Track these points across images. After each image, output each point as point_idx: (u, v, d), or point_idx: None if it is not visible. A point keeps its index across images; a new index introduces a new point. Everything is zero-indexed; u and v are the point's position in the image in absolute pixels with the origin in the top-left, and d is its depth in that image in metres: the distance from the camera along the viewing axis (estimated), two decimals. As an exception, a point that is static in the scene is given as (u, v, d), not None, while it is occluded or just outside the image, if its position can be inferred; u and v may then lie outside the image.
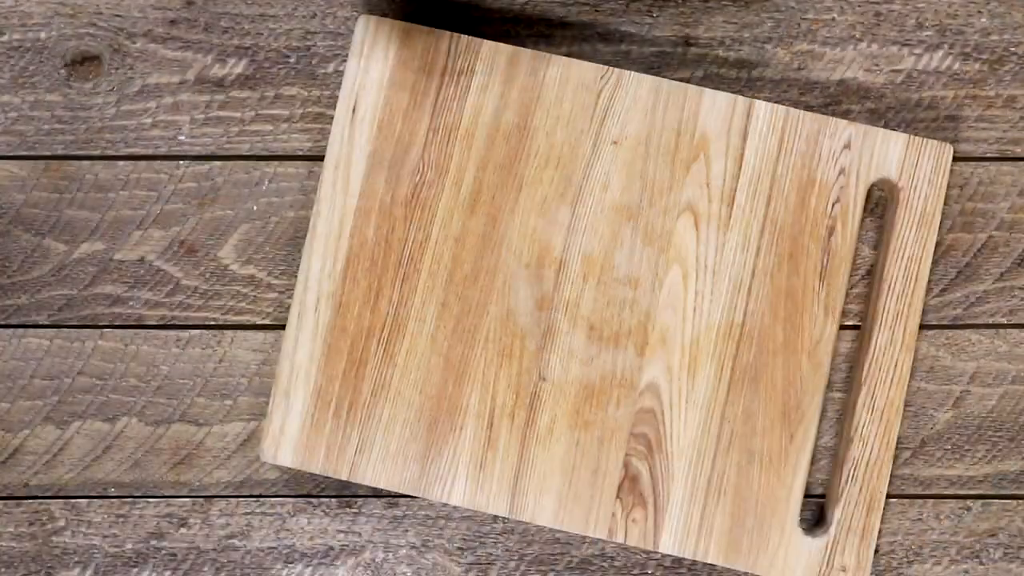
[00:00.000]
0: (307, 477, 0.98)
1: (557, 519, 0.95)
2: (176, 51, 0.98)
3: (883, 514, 0.96)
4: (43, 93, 0.97)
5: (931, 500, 0.98)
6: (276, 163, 0.98)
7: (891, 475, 0.97)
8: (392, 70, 0.95)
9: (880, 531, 0.97)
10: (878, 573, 0.98)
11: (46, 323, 0.97)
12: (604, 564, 0.97)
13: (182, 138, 0.98)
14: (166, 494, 0.98)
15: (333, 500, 0.98)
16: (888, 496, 0.97)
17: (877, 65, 0.99)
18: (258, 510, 0.98)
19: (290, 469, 0.97)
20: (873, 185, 0.97)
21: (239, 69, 0.98)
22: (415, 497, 0.97)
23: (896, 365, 0.95)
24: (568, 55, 0.98)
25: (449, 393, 0.95)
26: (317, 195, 0.95)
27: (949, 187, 0.98)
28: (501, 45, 0.95)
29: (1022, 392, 0.98)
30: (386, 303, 0.95)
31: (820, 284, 0.95)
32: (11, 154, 0.97)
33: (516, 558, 0.97)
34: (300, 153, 0.98)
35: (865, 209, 0.97)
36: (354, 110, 0.95)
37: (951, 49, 0.99)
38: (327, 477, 0.97)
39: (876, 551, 0.96)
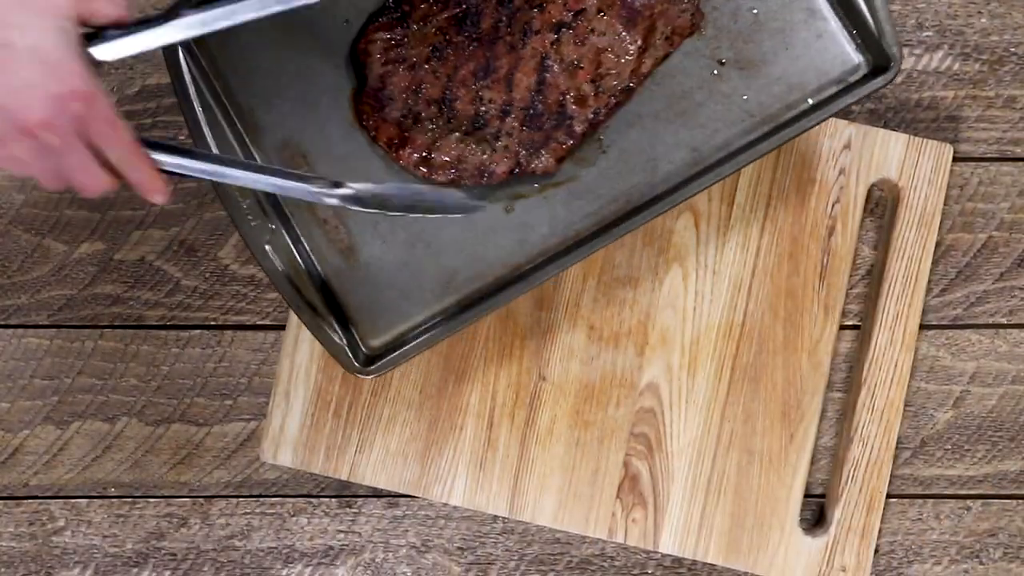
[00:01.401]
0: (307, 477, 0.98)
1: (557, 519, 0.94)
2: (176, 51, 0.97)
3: (883, 514, 0.96)
4: (43, 93, 0.97)
5: (931, 500, 0.98)
6: (276, 163, 0.98)
7: (891, 475, 0.96)
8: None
9: (880, 531, 0.97)
10: (878, 573, 0.98)
11: (46, 323, 0.97)
12: (604, 564, 0.97)
13: (182, 138, 0.98)
14: (166, 494, 0.98)
15: (333, 500, 0.98)
16: (888, 496, 0.97)
17: (877, 65, 0.99)
18: (258, 510, 0.98)
19: (290, 469, 0.97)
20: (873, 185, 0.97)
21: (239, 69, 0.98)
22: (415, 497, 0.97)
23: (896, 365, 0.95)
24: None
25: (449, 393, 0.95)
26: (317, 195, 0.95)
27: (949, 187, 0.98)
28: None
29: (1022, 392, 0.98)
30: (386, 303, 0.95)
31: (820, 284, 0.95)
32: (11, 154, 0.97)
33: (516, 558, 0.97)
34: (300, 153, 0.98)
35: (865, 209, 0.97)
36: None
37: (951, 49, 0.99)
38: (327, 477, 0.97)
39: (876, 551, 0.96)
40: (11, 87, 0.62)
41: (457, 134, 0.86)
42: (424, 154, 0.86)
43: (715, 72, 0.87)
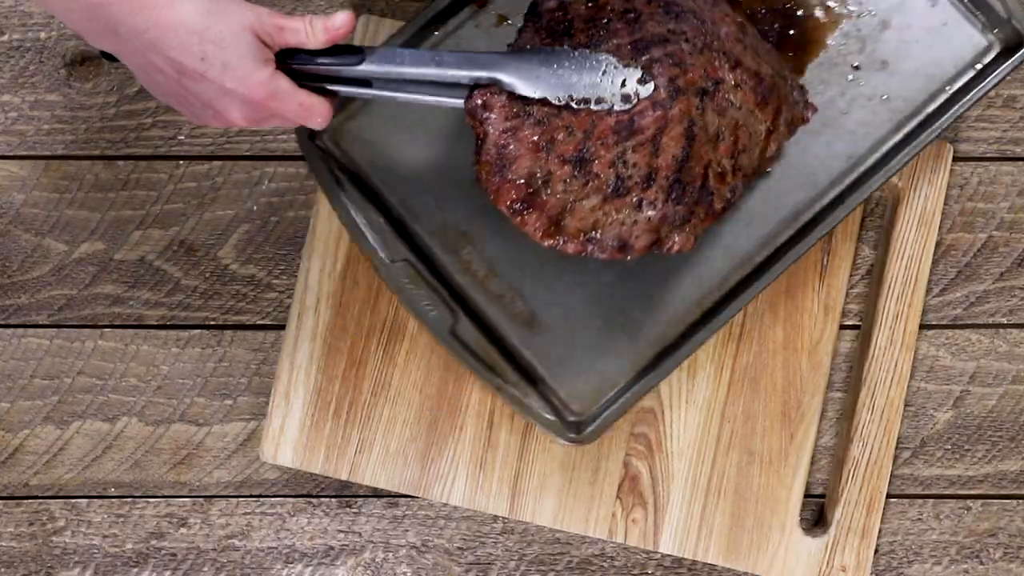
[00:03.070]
0: (307, 477, 0.98)
1: (557, 519, 0.94)
2: (176, 51, 0.97)
3: (883, 514, 0.96)
4: (43, 93, 0.97)
5: (931, 500, 0.98)
6: (276, 163, 0.98)
7: (891, 475, 0.96)
8: (392, 70, 0.95)
9: (880, 531, 0.97)
10: (878, 573, 0.98)
11: (46, 323, 0.97)
12: (604, 564, 0.97)
13: (182, 138, 0.98)
14: (166, 494, 0.98)
15: (333, 500, 0.98)
16: (888, 496, 0.97)
17: (877, 65, 0.99)
18: (258, 510, 0.98)
19: (290, 469, 0.97)
20: (873, 185, 0.97)
21: (239, 69, 0.98)
22: (415, 497, 0.97)
23: (896, 365, 0.95)
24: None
25: (449, 393, 0.95)
26: (317, 195, 0.95)
27: (949, 187, 0.98)
28: (501, 45, 0.95)
29: (1022, 392, 0.98)
30: (386, 303, 0.95)
31: (820, 284, 0.95)
32: (11, 154, 0.97)
33: (516, 558, 0.97)
34: (300, 153, 0.98)
35: (865, 209, 0.97)
36: (354, 110, 0.95)
37: (951, 49, 0.99)
38: (327, 477, 0.97)
39: (876, 551, 0.96)
40: (211, 94, 0.74)
41: (595, 199, 0.78)
42: (554, 219, 0.79)
43: (851, 78, 0.88)
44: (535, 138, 0.78)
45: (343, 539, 0.98)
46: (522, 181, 0.78)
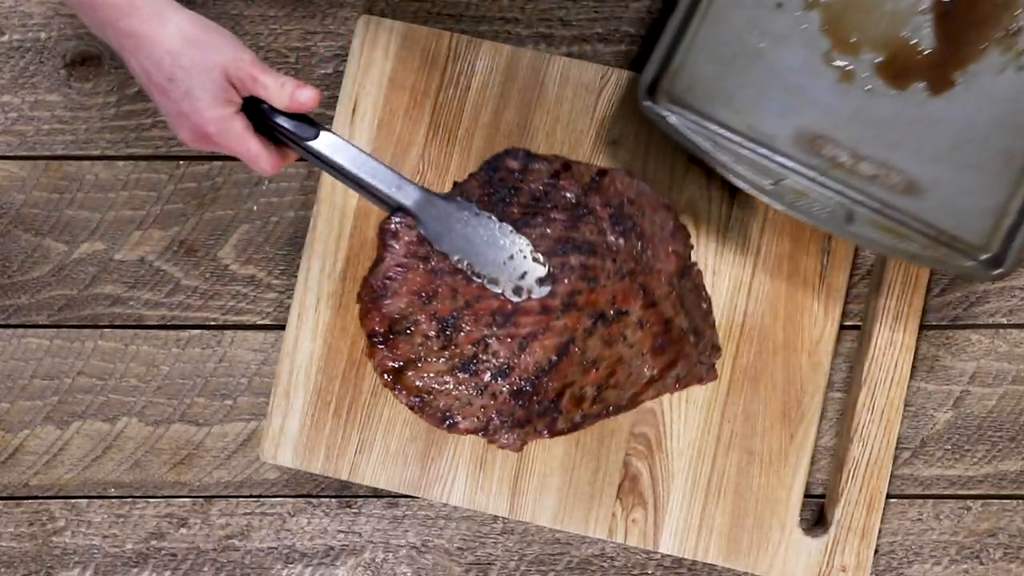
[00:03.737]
0: (307, 477, 0.98)
1: (557, 519, 0.94)
2: (176, 51, 0.97)
3: (883, 514, 0.96)
4: (43, 93, 0.97)
5: (931, 500, 0.98)
6: (276, 163, 0.98)
7: (891, 475, 0.97)
8: (392, 70, 0.95)
9: (880, 531, 0.97)
10: (878, 573, 0.98)
11: (46, 323, 0.97)
12: (604, 564, 0.97)
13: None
14: (166, 494, 0.98)
15: (333, 500, 0.98)
16: (888, 496, 0.97)
17: (877, 65, 0.99)
18: (258, 510, 0.98)
19: (290, 469, 0.97)
20: (874, 185, 0.97)
21: (239, 69, 0.98)
22: (415, 497, 0.97)
23: (896, 365, 0.95)
24: (568, 55, 0.98)
25: (449, 393, 0.95)
26: (317, 195, 0.95)
27: (949, 187, 0.98)
28: (501, 45, 0.95)
29: (1022, 392, 0.98)
30: (386, 303, 0.95)
31: (820, 284, 0.95)
32: (11, 154, 0.97)
33: (516, 558, 0.97)
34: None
35: (865, 209, 0.97)
36: (354, 110, 0.95)
37: (951, 49, 0.99)
38: (327, 477, 0.97)
39: (876, 551, 0.96)
40: (170, 110, 0.78)
41: (443, 364, 0.82)
42: (399, 365, 0.82)
43: None
44: (419, 285, 0.82)
45: (343, 539, 0.98)
46: (391, 318, 0.82)
